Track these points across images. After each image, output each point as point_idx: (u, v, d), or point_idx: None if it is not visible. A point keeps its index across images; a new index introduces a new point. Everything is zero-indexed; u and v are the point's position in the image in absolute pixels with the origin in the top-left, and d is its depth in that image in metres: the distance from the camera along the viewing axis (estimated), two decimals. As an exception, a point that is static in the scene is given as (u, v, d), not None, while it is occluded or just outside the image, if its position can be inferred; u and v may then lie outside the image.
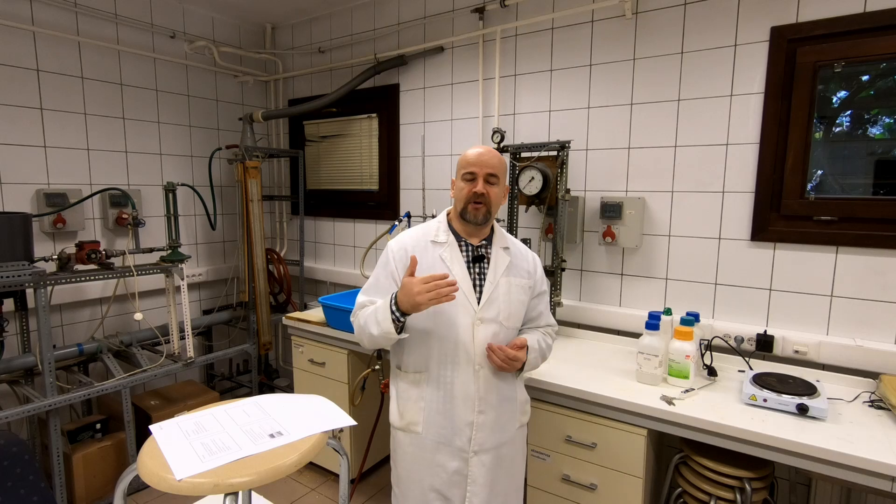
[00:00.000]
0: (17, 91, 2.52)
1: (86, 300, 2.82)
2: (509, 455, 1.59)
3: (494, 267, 1.55)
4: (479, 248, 1.57)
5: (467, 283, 1.51)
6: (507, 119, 2.63)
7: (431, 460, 1.52)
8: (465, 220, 1.54)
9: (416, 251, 1.52)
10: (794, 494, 2.02)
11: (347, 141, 3.39)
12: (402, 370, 1.59)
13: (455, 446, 1.51)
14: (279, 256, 3.45)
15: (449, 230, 1.58)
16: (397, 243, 1.58)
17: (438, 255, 1.53)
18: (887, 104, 1.90)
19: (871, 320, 1.87)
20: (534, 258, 1.67)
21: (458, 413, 1.50)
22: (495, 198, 1.53)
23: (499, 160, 1.53)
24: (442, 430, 1.51)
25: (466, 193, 1.50)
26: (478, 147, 1.55)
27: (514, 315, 1.57)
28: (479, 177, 1.50)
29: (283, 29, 3.58)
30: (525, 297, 1.60)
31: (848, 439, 1.44)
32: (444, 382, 1.51)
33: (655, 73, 2.20)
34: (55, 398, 2.20)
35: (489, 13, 2.63)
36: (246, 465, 0.98)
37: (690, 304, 2.19)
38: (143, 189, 3.02)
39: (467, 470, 1.51)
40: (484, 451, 1.52)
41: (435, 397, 1.52)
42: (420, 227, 1.63)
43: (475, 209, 1.50)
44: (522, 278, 1.59)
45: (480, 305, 1.51)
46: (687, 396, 1.73)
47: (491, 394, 1.52)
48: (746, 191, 2.04)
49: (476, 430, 1.50)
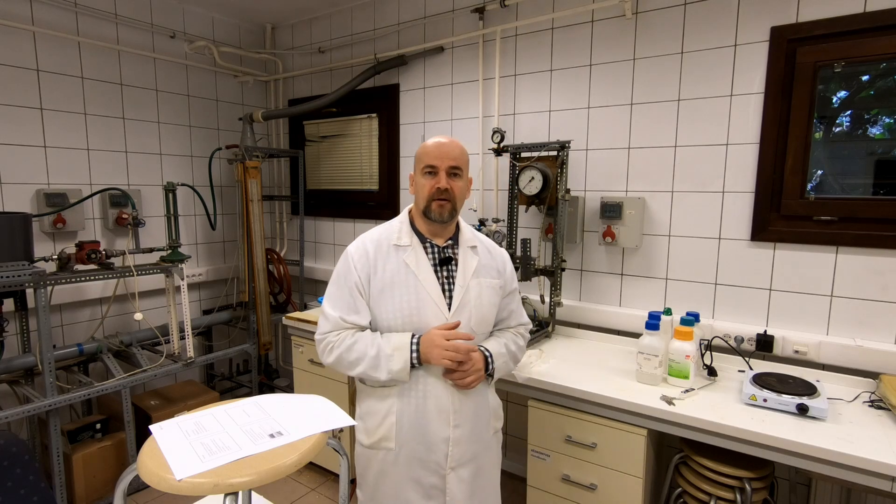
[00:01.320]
0: (17, 91, 2.52)
1: (86, 300, 2.82)
2: (485, 464, 1.51)
3: (463, 269, 1.46)
4: (445, 249, 1.47)
5: (436, 289, 1.42)
6: (507, 119, 2.63)
7: (406, 476, 1.43)
8: (428, 219, 1.43)
9: (377, 256, 1.43)
10: (794, 494, 2.01)
11: (347, 141, 3.39)
12: (367, 384, 1.48)
13: (431, 461, 1.42)
14: (279, 256, 3.45)
15: (412, 231, 1.47)
16: (357, 249, 1.45)
17: (403, 260, 1.42)
18: (887, 104, 1.90)
19: (871, 320, 1.87)
20: (502, 255, 1.58)
21: (433, 428, 1.41)
22: (460, 192, 1.43)
23: (461, 150, 1.43)
24: (417, 445, 1.41)
25: (429, 190, 1.40)
26: (438, 137, 1.44)
27: (485, 319, 1.49)
28: (440, 170, 1.39)
29: (283, 29, 3.57)
30: (496, 298, 1.51)
31: (848, 439, 1.44)
32: (416, 395, 1.41)
33: (655, 73, 2.20)
34: (55, 398, 2.20)
35: (489, 13, 2.63)
36: (246, 465, 0.98)
37: (690, 304, 2.19)
38: (143, 189, 3.02)
39: (444, 485, 1.43)
40: (461, 466, 1.44)
41: (406, 411, 1.41)
42: (381, 229, 1.51)
43: (440, 206, 1.40)
44: (493, 278, 1.51)
45: (452, 311, 1.42)
46: (687, 396, 1.73)
47: (466, 405, 1.44)
48: (746, 191, 2.04)
49: (452, 445, 1.42)
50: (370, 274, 1.42)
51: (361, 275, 1.42)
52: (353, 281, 1.43)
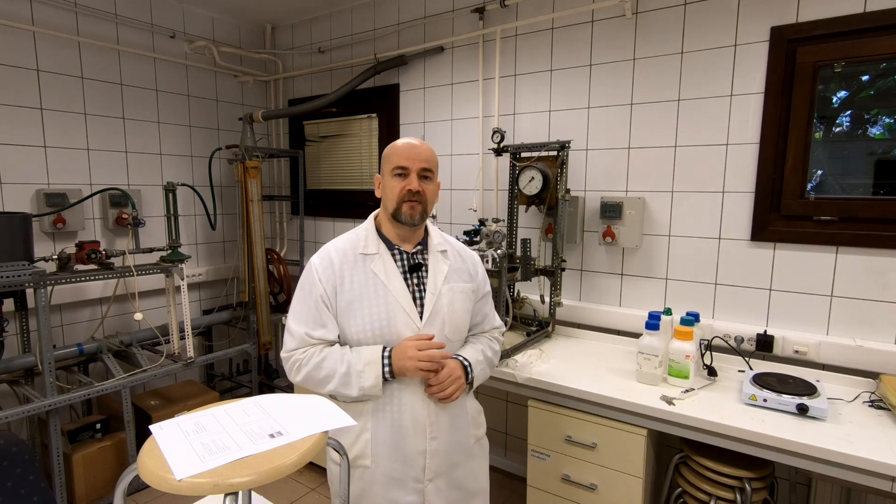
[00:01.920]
0: (17, 91, 2.52)
1: (86, 300, 2.82)
2: (466, 475, 1.46)
3: (434, 275, 1.41)
4: (414, 255, 1.42)
5: (406, 298, 1.36)
6: (507, 119, 2.63)
7: (384, 496, 1.37)
8: (399, 222, 1.38)
9: (343, 266, 1.37)
10: (794, 494, 2.01)
11: (347, 141, 3.39)
12: (339, 400, 1.41)
13: (409, 478, 1.37)
14: (279, 256, 3.45)
15: (378, 238, 1.42)
16: (321, 260, 1.39)
17: (371, 270, 1.37)
18: (887, 104, 1.90)
19: (871, 320, 1.87)
20: (472, 257, 1.54)
21: (409, 443, 1.36)
22: (431, 195, 1.39)
23: (431, 153, 1.39)
24: (393, 463, 1.36)
25: (399, 192, 1.35)
26: (408, 138, 1.41)
27: (459, 326, 1.44)
28: (412, 172, 1.35)
29: (283, 29, 3.57)
30: (469, 303, 1.47)
31: (848, 439, 1.44)
32: (392, 410, 1.36)
33: (655, 73, 2.20)
34: (55, 398, 2.20)
35: (489, 13, 2.63)
36: (246, 465, 0.98)
37: (690, 304, 2.19)
38: (143, 189, 3.02)
39: (424, 500, 1.39)
40: (438, 476, 1.40)
41: (381, 427, 1.36)
42: (346, 237, 1.44)
43: (410, 208, 1.35)
44: (465, 282, 1.46)
45: (424, 321, 1.37)
46: (687, 396, 1.73)
47: (443, 416, 1.39)
48: (746, 191, 2.04)
49: (429, 457, 1.37)
50: (336, 286, 1.36)
51: (327, 287, 1.36)
52: (318, 294, 1.36)
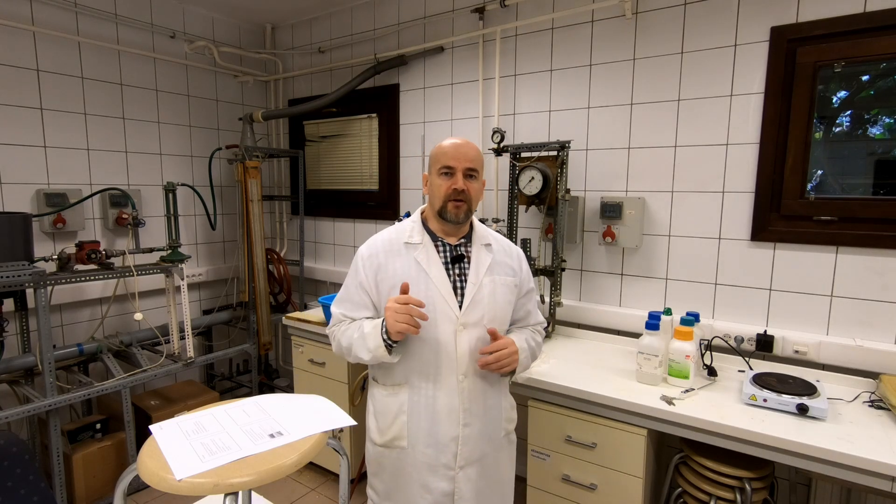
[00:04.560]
0: (17, 91, 2.52)
1: (86, 300, 2.82)
2: (494, 465, 1.49)
3: (476, 266, 1.43)
4: (457, 247, 1.45)
5: (447, 287, 1.40)
6: (507, 119, 2.63)
7: (418, 480, 1.42)
8: (444, 220, 1.42)
9: (388, 255, 1.43)
10: (794, 494, 2.02)
11: (347, 141, 3.39)
12: (379, 382, 1.49)
13: (440, 464, 1.41)
14: (279, 256, 3.45)
15: (424, 230, 1.46)
16: (368, 248, 1.47)
17: (413, 258, 1.41)
18: (887, 104, 1.90)
19: (871, 320, 1.87)
20: (518, 253, 1.56)
21: (443, 429, 1.40)
22: (476, 194, 1.42)
23: (477, 152, 1.42)
24: (427, 448, 1.41)
25: (445, 190, 1.38)
26: (454, 138, 1.43)
27: (499, 318, 1.46)
28: (458, 171, 1.38)
29: (283, 29, 3.58)
30: (511, 296, 1.49)
31: (848, 439, 1.44)
32: (426, 395, 1.41)
33: (655, 73, 2.20)
34: (55, 398, 2.20)
35: (489, 13, 2.63)
36: (246, 465, 0.98)
37: (690, 304, 2.19)
38: (143, 189, 3.02)
39: (454, 488, 1.42)
40: (469, 465, 1.43)
41: (416, 411, 1.41)
42: (393, 229, 1.50)
43: (456, 207, 1.39)
44: (508, 276, 1.48)
45: (463, 310, 1.39)
46: (687, 396, 1.73)
47: (476, 404, 1.42)
48: (746, 191, 2.04)
49: (461, 444, 1.41)
50: (377, 272, 1.42)
51: (368, 273, 1.44)
52: (360, 280, 1.45)
